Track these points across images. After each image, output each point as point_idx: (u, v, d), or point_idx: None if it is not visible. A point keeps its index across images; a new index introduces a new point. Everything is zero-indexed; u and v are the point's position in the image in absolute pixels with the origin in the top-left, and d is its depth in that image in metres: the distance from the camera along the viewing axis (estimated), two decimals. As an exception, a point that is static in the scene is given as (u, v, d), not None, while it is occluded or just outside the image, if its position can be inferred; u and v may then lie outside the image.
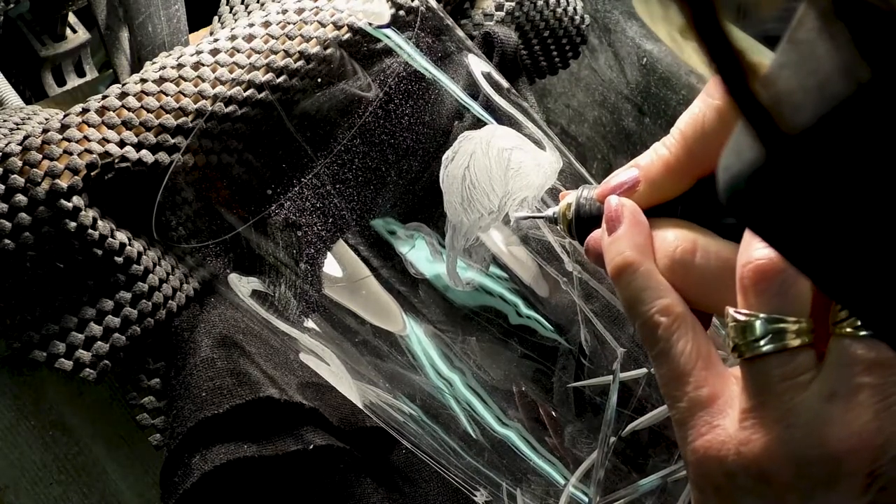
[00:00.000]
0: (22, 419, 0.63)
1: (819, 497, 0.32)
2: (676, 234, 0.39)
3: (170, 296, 0.58)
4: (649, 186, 0.40)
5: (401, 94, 0.48)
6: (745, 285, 0.34)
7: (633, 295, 0.38)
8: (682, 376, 0.36)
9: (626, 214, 0.39)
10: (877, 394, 0.31)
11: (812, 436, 0.32)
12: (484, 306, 0.48)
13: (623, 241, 0.39)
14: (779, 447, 0.33)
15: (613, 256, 0.39)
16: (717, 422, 0.35)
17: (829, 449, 0.32)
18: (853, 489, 0.32)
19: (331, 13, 0.59)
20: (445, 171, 0.46)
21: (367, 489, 0.58)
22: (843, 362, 0.32)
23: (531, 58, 0.78)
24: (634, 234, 0.39)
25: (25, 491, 0.62)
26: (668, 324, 0.36)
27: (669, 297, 0.37)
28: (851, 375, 0.32)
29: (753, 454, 0.33)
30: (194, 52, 0.58)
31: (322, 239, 0.48)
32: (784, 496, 0.33)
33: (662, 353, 0.36)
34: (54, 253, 0.53)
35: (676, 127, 0.39)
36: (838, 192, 0.22)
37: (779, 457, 0.33)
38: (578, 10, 0.78)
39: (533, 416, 0.49)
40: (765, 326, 0.33)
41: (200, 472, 0.53)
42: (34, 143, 0.52)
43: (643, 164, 0.40)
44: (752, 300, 0.34)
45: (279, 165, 0.55)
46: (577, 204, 0.42)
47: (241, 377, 0.55)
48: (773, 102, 0.22)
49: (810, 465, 0.32)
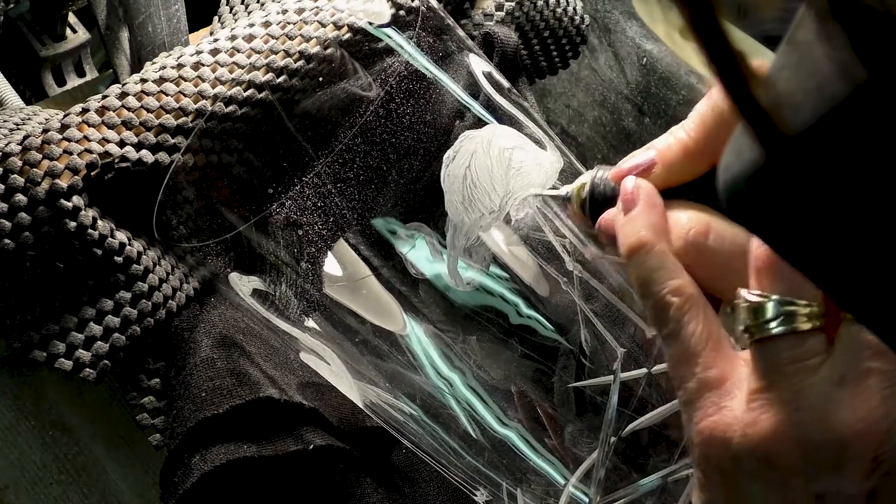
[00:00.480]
0: (22, 419, 0.63)
1: (824, 481, 0.33)
2: (690, 216, 0.39)
3: (170, 296, 0.58)
4: (666, 169, 0.40)
5: (401, 93, 0.48)
6: (758, 267, 0.34)
7: (645, 275, 0.38)
8: (692, 357, 0.36)
9: (642, 195, 0.40)
10: (885, 379, 0.32)
11: (820, 419, 0.32)
12: (484, 306, 0.48)
13: (638, 221, 0.39)
14: (786, 429, 0.33)
15: (628, 236, 0.39)
16: (725, 403, 0.35)
17: (836, 433, 0.32)
18: (858, 473, 0.32)
19: (331, 13, 0.59)
20: (446, 170, 0.46)
21: (367, 489, 0.58)
22: (853, 348, 0.32)
23: (531, 58, 0.77)
24: (650, 215, 0.39)
25: (25, 491, 0.62)
26: (680, 304, 0.37)
27: (682, 279, 0.37)
28: (861, 361, 0.32)
29: (760, 436, 0.33)
30: (194, 52, 0.58)
31: (323, 238, 0.48)
32: (789, 479, 0.33)
33: (673, 333, 0.37)
34: (54, 253, 0.53)
35: (696, 111, 0.39)
36: (836, 193, 0.22)
37: (786, 439, 0.33)
38: (578, 10, 0.78)
39: (533, 415, 0.49)
40: (776, 308, 0.33)
41: (200, 472, 0.53)
42: (34, 143, 0.52)
43: (660, 147, 0.40)
44: (764, 282, 0.34)
45: (279, 165, 0.55)
46: (591, 184, 0.42)
47: (241, 377, 0.55)
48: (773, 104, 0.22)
49: (817, 449, 0.32)
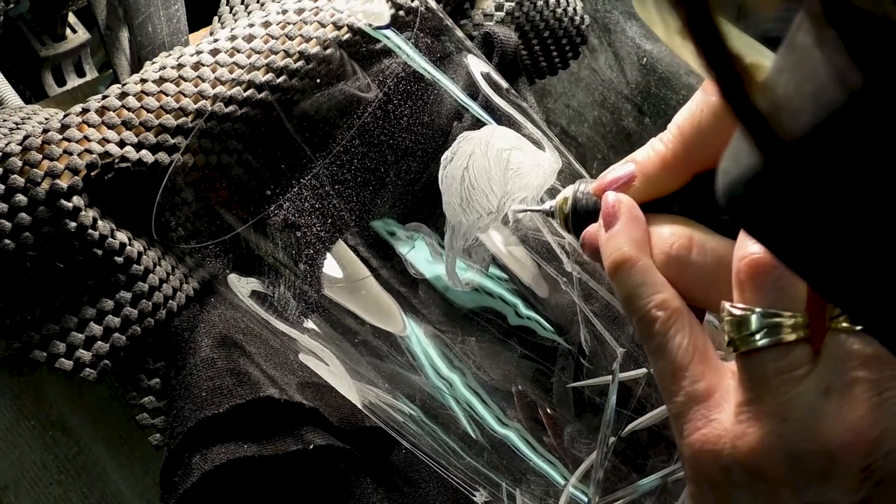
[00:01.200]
0: (22, 419, 0.63)
1: (813, 492, 0.32)
2: (672, 230, 0.39)
3: (170, 296, 0.58)
4: (646, 181, 0.40)
5: (400, 94, 0.48)
6: (741, 279, 0.34)
7: (630, 290, 0.38)
8: (679, 371, 0.36)
9: (623, 210, 0.39)
10: (872, 388, 0.31)
11: (807, 430, 0.32)
12: (483, 307, 0.48)
13: (620, 237, 0.39)
14: (773, 441, 0.33)
15: (611, 252, 0.39)
16: (714, 416, 0.34)
17: (823, 443, 0.32)
18: (847, 484, 0.32)
19: (330, 13, 0.59)
20: (444, 171, 0.46)
21: (367, 489, 0.58)
22: (839, 357, 0.32)
23: (531, 58, 0.77)
24: (632, 230, 0.39)
25: (25, 491, 0.62)
26: (665, 318, 0.37)
27: (666, 293, 0.37)
28: (847, 370, 0.32)
29: (748, 448, 0.33)
30: (194, 52, 0.58)
31: (321, 240, 0.48)
32: (778, 491, 0.33)
33: (659, 347, 0.36)
34: (54, 253, 0.53)
35: (674, 123, 0.39)
36: (835, 199, 0.22)
37: (773, 451, 0.33)
38: (578, 11, 0.78)
39: (533, 416, 0.49)
40: (760, 321, 0.33)
41: (200, 471, 0.53)
42: (34, 143, 0.52)
43: (640, 160, 0.40)
44: (748, 294, 0.34)
45: (279, 166, 0.55)
46: (573, 198, 0.42)
47: (241, 377, 0.55)
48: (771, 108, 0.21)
49: (805, 460, 0.32)
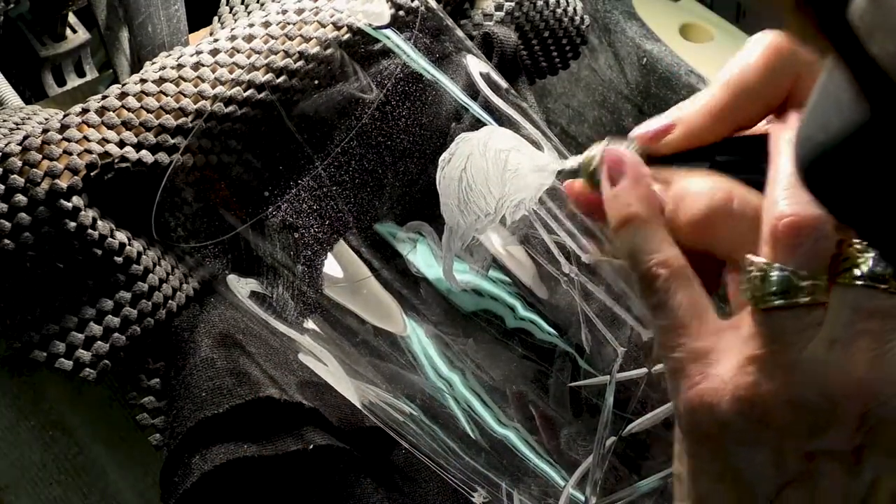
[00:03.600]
0: (22, 419, 0.63)
1: (816, 441, 0.33)
2: (713, 182, 0.39)
3: (170, 296, 0.58)
4: (686, 130, 0.40)
5: (399, 95, 0.48)
6: (777, 238, 0.34)
7: (634, 247, 0.38)
8: (679, 328, 0.36)
9: (628, 168, 0.40)
10: (874, 340, 0.32)
11: (813, 380, 0.33)
12: (484, 307, 0.48)
13: (627, 195, 0.39)
14: (781, 391, 0.33)
15: (618, 209, 0.39)
16: (712, 371, 0.35)
17: (828, 393, 0.33)
18: (846, 431, 0.33)
19: (330, 13, 0.59)
20: (442, 173, 0.46)
21: (367, 489, 0.58)
22: (844, 310, 0.33)
23: (531, 58, 0.77)
24: (638, 187, 0.39)
25: (25, 491, 0.62)
26: (667, 276, 0.37)
27: (669, 251, 0.38)
28: (851, 323, 0.33)
29: (755, 397, 0.34)
30: (194, 52, 0.58)
31: (320, 240, 0.48)
32: (782, 440, 0.34)
33: (660, 304, 0.37)
34: (54, 253, 0.53)
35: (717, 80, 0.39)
36: None
37: (780, 400, 0.33)
38: (578, 11, 0.78)
39: (532, 416, 0.49)
40: (789, 280, 0.34)
41: (200, 471, 0.53)
42: (34, 143, 0.52)
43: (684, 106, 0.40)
44: (780, 254, 0.34)
45: (278, 166, 0.55)
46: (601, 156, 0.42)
47: (241, 377, 0.55)
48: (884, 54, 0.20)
49: (808, 408, 0.33)
